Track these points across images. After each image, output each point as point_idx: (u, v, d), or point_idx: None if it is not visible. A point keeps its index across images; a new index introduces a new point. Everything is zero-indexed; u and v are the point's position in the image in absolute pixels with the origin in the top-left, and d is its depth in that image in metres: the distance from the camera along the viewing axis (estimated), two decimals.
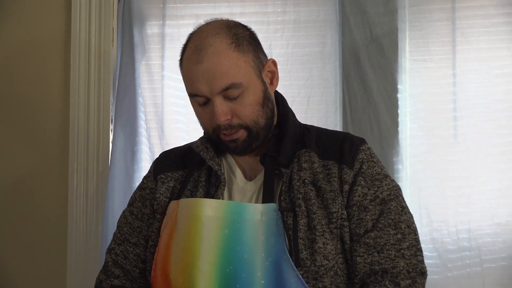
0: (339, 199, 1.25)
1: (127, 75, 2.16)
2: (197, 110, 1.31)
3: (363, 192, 1.27)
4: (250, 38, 1.29)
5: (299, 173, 1.27)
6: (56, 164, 2.19)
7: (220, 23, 1.30)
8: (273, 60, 1.33)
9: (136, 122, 2.17)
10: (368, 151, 1.33)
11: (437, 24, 2.13)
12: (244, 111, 1.26)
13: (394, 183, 1.32)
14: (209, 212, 1.22)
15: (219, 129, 1.27)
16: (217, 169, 1.30)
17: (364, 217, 1.26)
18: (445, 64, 2.11)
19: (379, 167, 1.32)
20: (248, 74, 1.25)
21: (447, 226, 2.09)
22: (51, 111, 2.20)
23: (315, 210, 1.23)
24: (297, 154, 1.30)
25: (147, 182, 1.43)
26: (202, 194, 1.30)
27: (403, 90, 2.12)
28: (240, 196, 1.30)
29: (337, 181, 1.26)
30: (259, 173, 1.32)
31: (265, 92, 1.29)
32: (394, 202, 1.28)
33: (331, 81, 2.13)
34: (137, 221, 1.40)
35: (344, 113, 2.12)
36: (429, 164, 2.10)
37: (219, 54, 1.23)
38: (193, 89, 1.26)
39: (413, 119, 2.11)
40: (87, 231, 2.15)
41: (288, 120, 1.36)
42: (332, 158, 1.30)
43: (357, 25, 2.13)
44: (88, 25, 2.18)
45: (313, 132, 1.37)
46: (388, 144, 2.09)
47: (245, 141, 1.29)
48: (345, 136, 1.35)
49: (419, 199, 2.08)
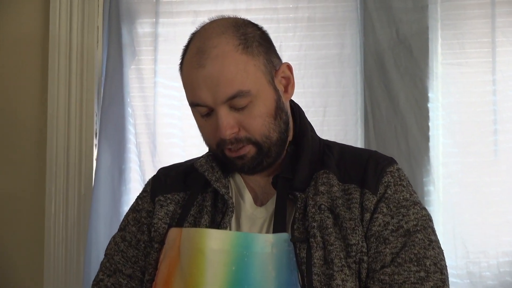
0: (359, 229, 1.20)
1: (114, 82, 2.11)
2: (199, 122, 1.27)
3: (385, 221, 1.21)
4: (261, 39, 1.25)
5: (315, 197, 1.23)
6: (30, 186, 2.18)
7: (227, 21, 1.26)
8: (288, 64, 1.29)
9: (124, 136, 2.12)
10: (396, 173, 1.27)
11: (474, 22, 2.07)
12: (253, 123, 1.22)
13: (424, 212, 1.25)
14: (214, 245, 1.19)
15: (224, 144, 1.23)
16: (224, 193, 1.27)
17: (382, 250, 1.20)
18: (484, 68, 2.05)
19: (408, 192, 1.26)
20: (258, 80, 1.21)
21: (487, 258, 2.02)
22: (25, 123, 2.19)
23: (332, 241, 1.19)
24: (315, 176, 1.26)
25: (142, 203, 1.38)
26: (208, 222, 1.27)
27: (434, 100, 2.06)
28: (249, 225, 1.27)
29: (358, 208, 1.22)
30: (272, 197, 1.28)
31: (278, 102, 1.25)
32: (420, 234, 1.21)
33: (351, 89, 2.09)
34: (131, 249, 1.35)
35: (366, 126, 2.08)
36: (465, 186, 2.04)
37: (224, 57, 1.19)
38: (194, 97, 1.22)
39: (447, 133, 2.06)
40: (67, 265, 2.11)
41: (306, 135, 1.31)
42: (354, 181, 1.25)
43: (381, 24, 2.08)
44: (69, 23, 2.15)
45: (335, 151, 1.32)
46: (417, 163, 2.03)
47: (254, 158, 1.25)
48: (371, 155, 1.30)
49: (453, 226, 2.02)
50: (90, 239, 2.04)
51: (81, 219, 2.11)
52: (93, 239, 2.04)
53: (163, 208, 1.33)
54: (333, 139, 2.19)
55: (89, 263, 2.02)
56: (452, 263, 1.94)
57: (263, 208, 1.29)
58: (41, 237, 2.12)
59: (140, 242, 1.35)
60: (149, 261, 1.30)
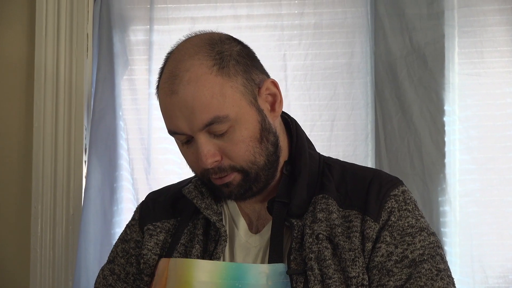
0: (360, 260, 1.18)
1: (105, 93, 2.10)
2: (181, 150, 1.26)
3: (388, 251, 1.19)
4: (238, 56, 1.22)
5: (313, 226, 1.21)
6: (15, 205, 2.15)
7: (201, 39, 1.23)
8: (273, 80, 1.26)
9: (116, 152, 2.11)
10: (401, 196, 1.24)
11: (494, 29, 2.05)
12: (236, 150, 1.20)
13: (432, 238, 1.22)
14: (203, 277, 1.18)
15: (208, 173, 1.22)
16: (216, 221, 1.26)
17: (386, 283, 1.18)
18: (504, 79, 2.04)
19: (413, 218, 1.23)
20: (236, 103, 1.19)
21: (507, 283, 1.98)
22: (9, 138, 2.16)
23: (331, 274, 1.17)
24: (313, 200, 1.24)
25: (131, 233, 1.37)
26: (199, 252, 1.25)
27: (451, 113, 2.05)
28: (243, 254, 1.25)
29: (358, 237, 1.20)
30: (267, 224, 1.26)
31: (262, 123, 1.22)
32: (427, 264, 1.19)
33: (361, 101, 2.08)
34: (120, 283, 1.34)
35: (377, 142, 2.06)
36: (483, 205, 2.02)
37: (197, 81, 1.17)
38: (171, 125, 1.21)
39: (464, 149, 2.04)
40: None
41: (303, 155, 1.28)
42: (355, 206, 1.23)
43: (394, 31, 2.07)
44: (56, 30, 2.13)
45: (335, 171, 1.30)
46: (432, 181, 2.02)
47: (241, 185, 1.23)
48: (374, 176, 1.27)
49: (471, 249, 1.99)
50: (79, 263, 2.02)
51: (70, 241, 2.09)
52: (82, 263, 2.02)
53: (152, 238, 1.32)
54: (341, 155, 2.14)
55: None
56: None
57: (258, 236, 1.27)
58: (26, 260, 2.10)
59: (129, 275, 1.34)
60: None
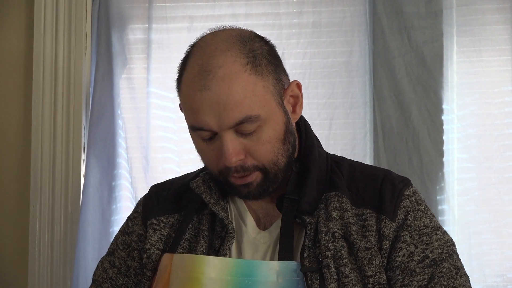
0: (377, 259, 1.18)
1: (104, 92, 2.10)
2: (200, 146, 1.24)
3: (409, 251, 1.19)
4: (269, 55, 1.21)
5: (328, 223, 1.20)
6: (13, 204, 2.14)
7: (231, 34, 1.21)
8: (298, 82, 1.26)
9: (115, 151, 2.11)
10: (413, 196, 1.25)
11: (493, 28, 2.05)
12: (261, 150, 1.20)
13: (447, 237, 1.24)
14: (212, 274, 1.17)
15: (228, 171, 1.20)
16: (224, 217, 1.24)
17: (410, 283, 1.18)
18: (502, 78, 2.03)
19: (427, 218, 1.24)
20: (267, 103, 1.19)
21: (506, 282, 1.98)
22: (7, 136, 2.15)
23: (347, 273, 1.16)
24: (324, 197, 1.24)
25: (133, 226, 1.35)
26: (205, 248, 1.24)
27: (449, 111, 2.05)
28: (251, 251, 1.24)
29: (374, 236, 1.19)
30: (276, 220, 1.26)
31: (287, 125, 1.23)
32: (447, 263, 1.20)
33: (359, 100, 2.08)
34: (120, 276, 1.33)
35: (376, 140, 2.06)
36: (482, 204, 2.02)
37: (231, 78, 1.15)
38: (197, 121, 1.18)
39: (462, 147, 2.05)
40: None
41: (313, 152, 1.29)
42: (368, 205, 1.22)
43: (392, 30, 2.07)
44: (55, 29, 2.13)
45: (344, 169, 1.30)
46: (430, 179, 2.02)
47: (260, 186, 1.22)
48: (385, 176, 1.27)
49: (469, 248, 1.99)
50: (78, 262, 2.01)
51: (68, 240, 2.08)
52: (81, 262, 2.01)
53: (156, 233, 1.30)
54: (339, 153, 2.17)
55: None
56: None
57: (267, 232, 1.26)
58: (24, 259, 2.09)
59: (130, 269, 1.33)
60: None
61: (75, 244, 2.04)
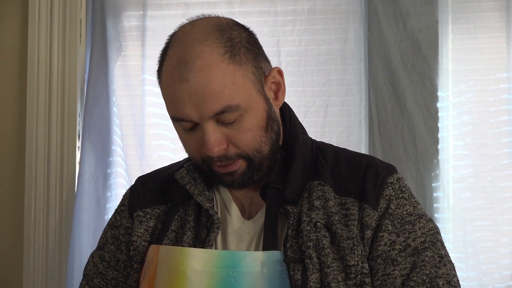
0: (359, 248, 1.18)
1: (98, 79, 2.11)
2: (182, 136, 1.24)
3: (391, 240, 1.19)
4: (248, 43, 1.21)
5: (310, 213, 1.20)
6: (8, 191, 2.15)
7: (209, 23, 1.21)
8: (279, 69, 1.26)
9: (110, 138, 2.12)
10: (397, 184, 1.24)
11: (488, 15, 2.05)
12: (243, 138, 1.20)
13: (431, 225, 1.23)
14: (197, 266, 1.17)
15: (211, 160, 1.20)
16: (209, 207, 1.24)
17: (391, 273, 1.18)
18: (498, 65, 2.03)
19: (411, 205, 1.23)
20: (247, 92, 1.18)
21: (500, 269, 1.99)
22: (1, 123, 2.16)
23: (329, 263, 1.16)
24: (308, 186, 1.23)
25: (120, 219, 1.35)
26: (191, 239, 1.24)
27: (444, 99, 2.05)
28: (236, 241, 1.24)
29: (357, 226, 1.19)
30: (260, 210, 1.25)
31: (269, 112, 1.22)
32: (429, 252, 1.19)
33: (354, 87, 2.08)
34: (110, 270, 1.33)
35: (371, 128, 2.06)
36: (477, 191, 2.02)
37: (209, 69, 1.15)
38: (178, 112, 1.18)
39: (458, 134, 2.05)
40: (47, 276, 2.08)
41: (297, 140, 1.28)
42: (351, 194, 1.22)
43: (387, 17, 2.07)
44: (50, 17, 2.13)
45: (329, 156, 1.29)
46: (425, 166, 2.02)
47: (245, 174, 1.22)
48: (369, 163, 1.26)
49: (464, 235, 1.99)
50: (73, 249, 2.02)
51: (63, 227, 2.10)
52: (76, 249, 2.02)
53: (142, 224, 1.31)
54: (334, 141, 2.14)
55: (72, 275, 2.01)
56: (462, 274, 1.94)
57: (251, 222, 1.26)
58: (19, 246, 2.10)
59: (120, 262, 1.33)
60: (129, 282, 1.29)
61: (70, 231, 2.05)
